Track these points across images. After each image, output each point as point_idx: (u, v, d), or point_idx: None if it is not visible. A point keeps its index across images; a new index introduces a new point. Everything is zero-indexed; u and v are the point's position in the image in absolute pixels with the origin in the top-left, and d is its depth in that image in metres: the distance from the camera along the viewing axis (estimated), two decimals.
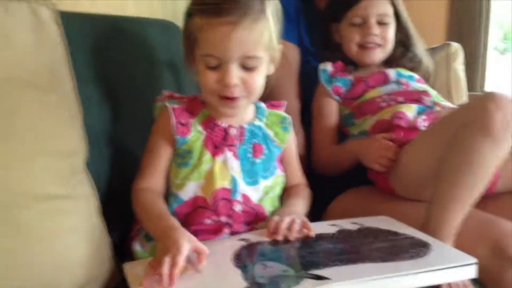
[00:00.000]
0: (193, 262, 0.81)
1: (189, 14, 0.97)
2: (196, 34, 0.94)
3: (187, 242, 0.80)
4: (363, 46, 1.38)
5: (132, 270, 0.84)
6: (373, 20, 1.35)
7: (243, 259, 0.85)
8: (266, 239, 0.92)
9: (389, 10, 1.37)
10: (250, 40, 0.93)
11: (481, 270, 0.84)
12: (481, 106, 0.96)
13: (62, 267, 0.81)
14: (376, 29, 1.35)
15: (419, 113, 1.24)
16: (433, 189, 1.01)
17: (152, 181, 0.99)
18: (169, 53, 1.27)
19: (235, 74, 0.93)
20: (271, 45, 0.97)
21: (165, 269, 0.76)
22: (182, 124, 0.99)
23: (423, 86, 1.36)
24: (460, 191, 0.97)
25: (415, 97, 1.29)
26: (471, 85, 1.98)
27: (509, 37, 2.59)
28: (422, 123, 1.21)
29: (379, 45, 1.37)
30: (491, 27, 2.21)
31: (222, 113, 1.01)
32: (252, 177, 1.01)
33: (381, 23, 1.36)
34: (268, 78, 1.01)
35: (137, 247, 0.98)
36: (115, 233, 0.97)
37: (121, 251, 0.99)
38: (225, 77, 0.93)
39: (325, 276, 0.76)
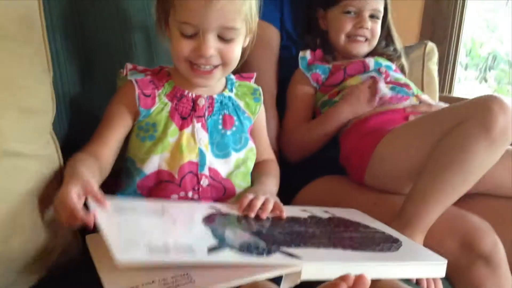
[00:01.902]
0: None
1: None
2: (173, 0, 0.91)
3: (74, 186, 0.75)
4: (351, 38, 1.37)
5: (94, 242, 0.80)
6: (367, 14, 1.35)
7: (214, 223, 0.83)
8: (236, 212, 0.90)
9: (381, 6, 1.38)
10: (230, 10, 0.90)
11: (450, 264, 0.83)
12: (485, 105, 0.95)
13: (18, 229, 0.77)
14: (369, 23, 1.35)
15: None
16: (416, 182, 1.00)
17: (98, 149, 0.92)
18: (144, 17, 1.22)
19: (212, 44, 0.91)
20: (250, 17, 0.95)
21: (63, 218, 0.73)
22: (146, 96, 0.95)
23: (402, 77, 1.36)
24: (444, 187, 0.96)
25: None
26: (440, 88, 2.00)
27: (472, 55, 2.66)
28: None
29: (367, 39, 1.37)
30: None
31: (190, 84, 0.97)
32: (222, 150, 0.98)
33: (372, 18, 1.36)
34: (243, 50, 0.99)
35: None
36: None
37: None
38: (202, 47, 0.90)
39: (296, 254, 0.74)
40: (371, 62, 1.36)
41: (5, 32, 0.76)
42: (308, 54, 1.40)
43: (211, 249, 0.71)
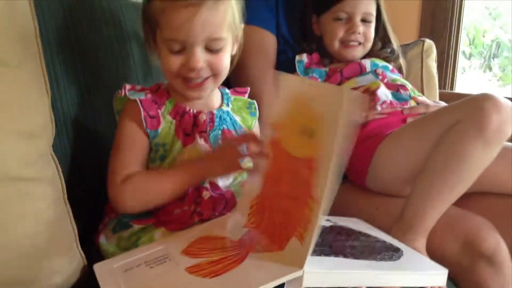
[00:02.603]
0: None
1: None
2: (157, 18, 0.91)
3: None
4: (345, 43, 1.37)
5: (102, 270, 0.81)
6: (358, 18, 1.35)
7: None
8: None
9: (373, 9, 1.38)
10: (214, 21, 0.90)
11: (452, 264, 0.85)
12: (478, 104, 0.95)
13: (24, 254, 0.77)
14: (361, 28, 1.35)
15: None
16: (414, 183, 1.01)
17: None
18: (141, 32, 1.23)
19: (200, 57, 0.91)
20: (234, 25, 0.95)
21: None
22: (152, 117, 0.95)
23: (399, 78, 1.36)
24: (443, 189, 0.96)
25: (393, 90, 1.30)
26: (441, 84, 1.99)
27: (475, 43, 2.64)
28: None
29: (360, 43, 1.38)
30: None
31: (189, 99, 0.98)
32: None
33: (364, 21, 1.37)
34: (232, 58, 1.00)
35: (102, 239, 0.95)
36: (80, 221, 0.93)
37: (89, 241, 0.95)
38: (190, 61, 0.91)
39: None
40: (367, 63, 1.36)
41: (2, 59, 0.77)
42: (304, 57, 1.40)
43: None
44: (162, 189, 0.92)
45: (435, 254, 0.93)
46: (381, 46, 1.43)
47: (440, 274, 0.82)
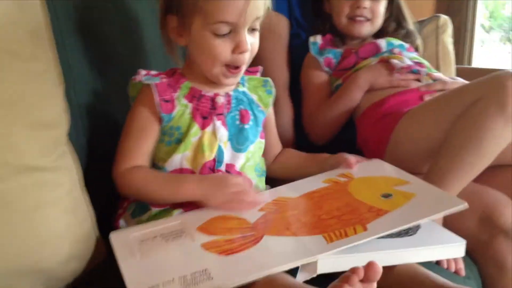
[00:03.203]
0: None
1: None
2: (200, 3, 0.90)
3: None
4: (352, 19, 1.36)
5: (117, 239, 0.83)
6: None
7: None
8: None
9: None
10: (262, 2, 0.91)
11: (470, 240, 0.83)
12: (500, 82, 0.94)
13: (45, 242, 0.79)
14: (366, 3, 1.33)
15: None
16: (434, 161, 1.00)
17: (139, 162, 0.95)
18: (155, 26, 1.23)
19: (248, 39, 0.92)
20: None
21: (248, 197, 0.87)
22: (166, 101, 0.95)
23: (416, 56, 1.35)
24: (462, 166, 0.96)
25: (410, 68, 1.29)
26: (458, 60, 1.97)
27: (494, 16, 2.59)
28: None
29: (368, 19, 1.36)
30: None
31: (206, 83, 0.98)
32: (243, 143, 0.99)
33: None
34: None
35: (122, 224, 0.96)
36: (98, 207, 0.95)
37: (107, 228, 0.96)
38: (242, 44, 0.91)
39: None
40: (382, 43, 1.35)
41: (12, 51, 0.78)
42: (318, 39, 1.39)
43: None
44: (153, 196, 0.94)
45: (452, 229, 0.92)
46: (396, 26, 1.41)
47: (458, 246, 0.82)
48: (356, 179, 0.95)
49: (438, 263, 0.91)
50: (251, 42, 0.93)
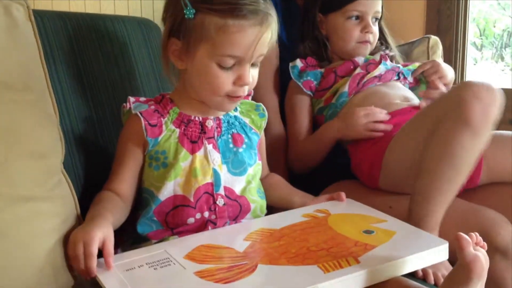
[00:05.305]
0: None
1: (195, 11, 0.91)
2: (212, 33, 0.90)
3: (100, 231, 0.80)
4: (359, 43, 1.37)
5: (103, 274, 0.80)
6: (370, 17, 1.35)
7: None
8: None
9: (380, 7, 1.38)
10: (269, 39, 0.94)
11: None
12: (458, 96, 0.96)
13: (43, 271, 0.79)
14: (373, 27, 1.36)
15: None
16: (415, 182, 1.01)
17: (117, 187, 0.96)
18: (147, 51, 1.25)
19: (250, 72, 0.94)
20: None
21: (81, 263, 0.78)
22: (152, 125, 0.96)
23: (391, 64, 1.39)
24: (441, 184, 0.97)
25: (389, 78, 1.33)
26: None
27: (486, 34, 2.62)
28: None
29: (370, 42, 1.38)
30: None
31: (195, 108, 0.99)
32: (239, 167, 1.00)
33: (374, 20, 1.37)
34: None
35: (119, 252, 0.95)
36: None
37: None
38: (244, 78, 0.93)
39: None
40: (360, 60, 1.37)
41: (5, 82, 0.78)
42: (298, 62, 1.40)
43: None
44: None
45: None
46: (378, 45, 1.43)
47: (441, 249, 0.82)
48: (334, 215, 0.96)
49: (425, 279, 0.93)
50: (253, 75, 0.95)
